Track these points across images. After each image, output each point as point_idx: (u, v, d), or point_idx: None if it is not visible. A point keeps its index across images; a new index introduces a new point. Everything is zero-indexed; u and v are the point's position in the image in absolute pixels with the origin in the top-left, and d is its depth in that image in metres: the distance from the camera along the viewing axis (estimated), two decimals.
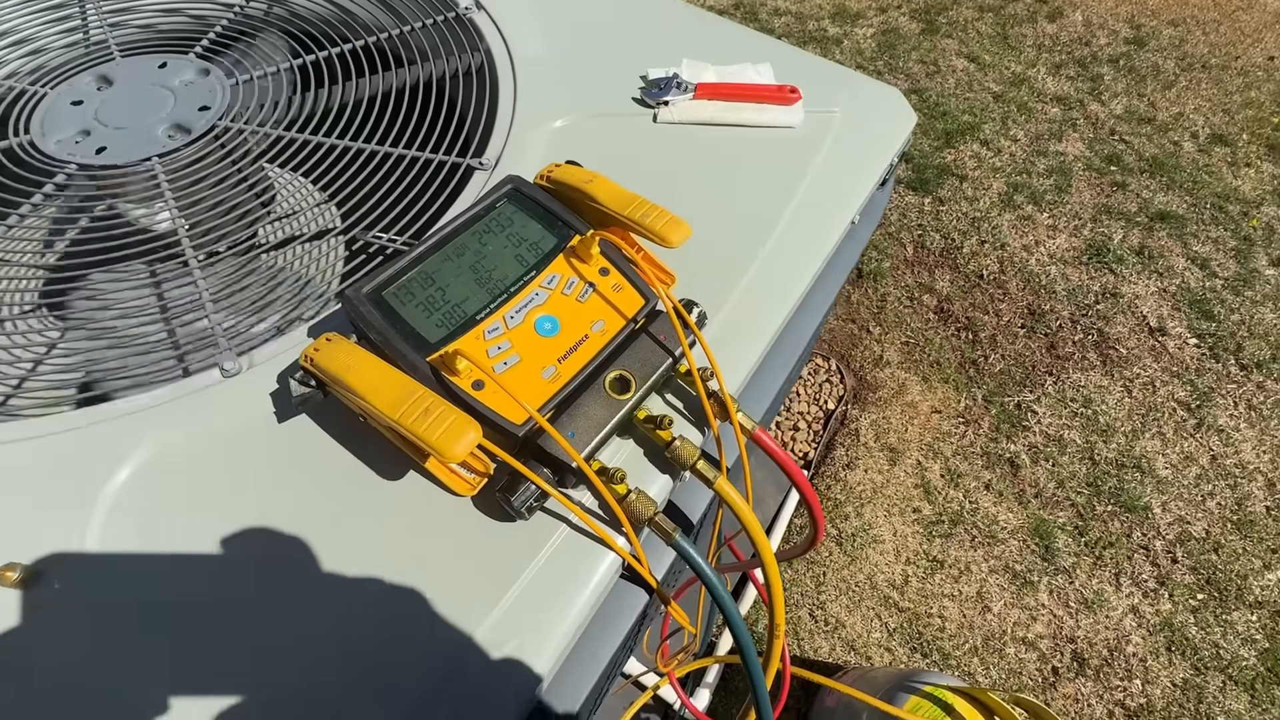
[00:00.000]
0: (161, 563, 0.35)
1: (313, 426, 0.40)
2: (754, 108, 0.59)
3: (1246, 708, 1.17)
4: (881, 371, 1.61)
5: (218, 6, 0.69)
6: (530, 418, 0.36)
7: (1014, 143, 2.11)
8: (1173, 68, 2.40)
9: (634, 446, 0.41)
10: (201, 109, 0.56)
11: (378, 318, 0.37)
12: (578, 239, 0.42)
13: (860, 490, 1.41)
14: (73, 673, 0.31)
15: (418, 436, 0.32)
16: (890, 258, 1.84)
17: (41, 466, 0.37)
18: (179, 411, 0.39)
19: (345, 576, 0.35)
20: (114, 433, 0.37)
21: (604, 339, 0.40)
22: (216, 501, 0.37)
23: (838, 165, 0.58)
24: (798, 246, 0.53)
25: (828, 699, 1.09)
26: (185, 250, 0.48)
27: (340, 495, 0.38)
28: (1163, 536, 1.36)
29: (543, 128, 0.57)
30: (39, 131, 0.54)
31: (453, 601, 0.35)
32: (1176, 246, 1.85)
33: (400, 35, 0.65)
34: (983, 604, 1.28)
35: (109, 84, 0.58)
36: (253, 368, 0.41)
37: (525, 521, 0.37)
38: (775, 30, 2.51)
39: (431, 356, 0.36)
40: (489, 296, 0.40)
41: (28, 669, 0.31)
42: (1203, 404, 1.55)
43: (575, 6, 0.69)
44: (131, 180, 0.52)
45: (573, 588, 0.36)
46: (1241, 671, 1.20)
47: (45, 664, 0.31)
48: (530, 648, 0.34)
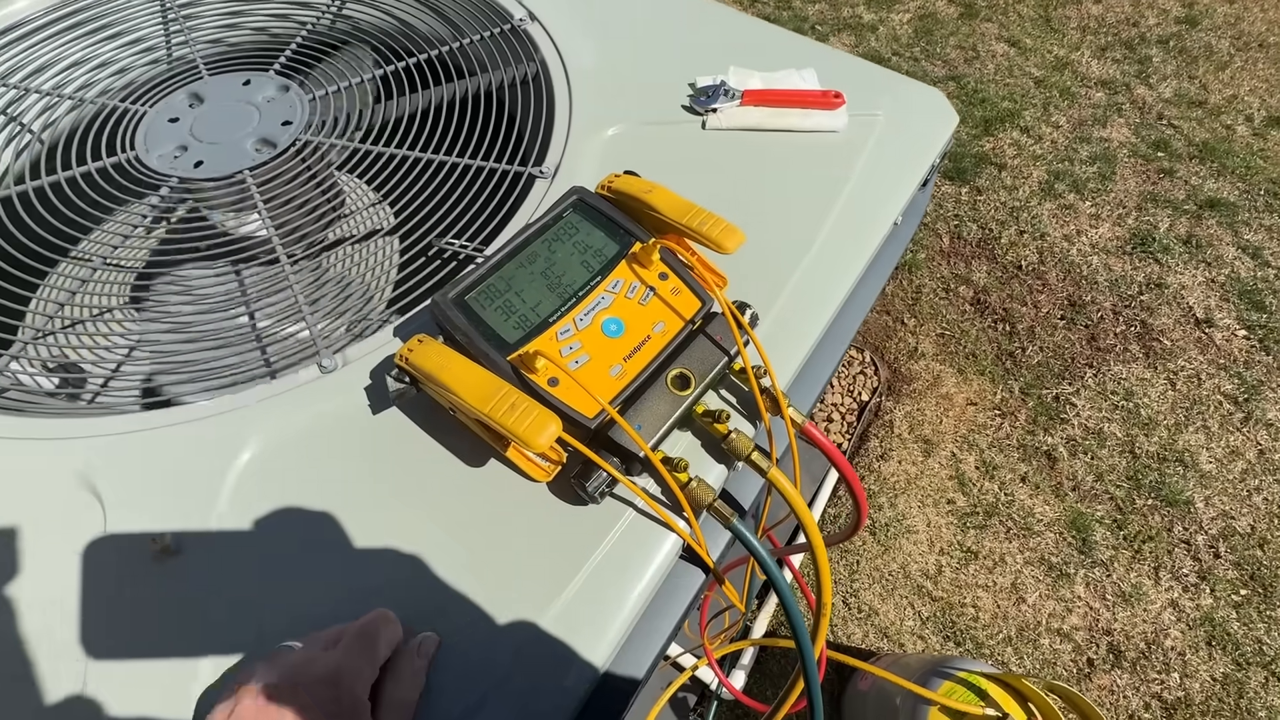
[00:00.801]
0: (276, 530, 0.40)
1: (403, 418, 0.44)
2: (799, 113, 0.61)
3: None
4: (916, 363, 1.61)
5: (290, 24, 0.74)
6: (601, 411, 0.39)
7: (1056, 129, 2.07)
8: (1227, 47, 2.31)
9: (692, 438, 0.44)
10: (284, 124, 0.61)
11: (463, 320, 0.41)
12: (639, 246, 0.45)
13: (894, 481, 1.43)
14: (212, 614, 0.36)
15: (506, 429, 0.36)
16: (926, 249, 1.83)
17: (179, 449, 0.42)
18: (287, 404, 0.44)
19: (434, 550, 0.40)
20: (236, 421, 0.42)
21: (665, 339, 0.43)
22: (320, 482, 0.41)
23: (880, 167, 0.60)
24: (842, 247, 0.55)
25: (861, 683, 1.11)
26: (280, 256, 0.52)
27: (429, 478, 0.42)
28: (1205, 531, 1.35)
29: (597, 136, 0.60)
30: (143, 147, 0.59)
31: (532, 577, 0.39)
32: (1227, 235, 1.80)
33: (460, 48, 0.69)
34: (1017, 595, 1.29)
35: (200, 101, 0.63)
36: (347, 365, 0.46)
37: (597, 505, 0.41)
38: (809, 17, 2.48)
39: (511, 356, 0.40)
40: (560, 300, 0.43)
41: (185, 613, 0.36)
42: (1251, 397, 1.52)
43: (624, 17, 0.71)
44: (227, 192, 0.57)
45: (638, 566, 0.40)
46: None
47: (190, 611, 0.37)
48: (601, 620, 0.38)
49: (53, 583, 0.37)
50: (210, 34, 0.75)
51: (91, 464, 0.41)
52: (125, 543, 0.38)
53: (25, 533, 0.39)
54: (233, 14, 0.75)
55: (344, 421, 0.44)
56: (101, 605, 0.37)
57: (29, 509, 0.40)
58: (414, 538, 0.40)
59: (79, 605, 0.37)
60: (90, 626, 0.36)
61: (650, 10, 0.73)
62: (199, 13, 0.74)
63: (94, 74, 0.71)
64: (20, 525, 0.39)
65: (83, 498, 0.40)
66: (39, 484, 0.41)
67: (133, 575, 0.38)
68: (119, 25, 0.72)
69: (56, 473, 0.41)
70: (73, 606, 0.37)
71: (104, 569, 0.38)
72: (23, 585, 0.38)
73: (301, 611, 0.37)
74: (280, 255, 0.53)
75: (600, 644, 0.37)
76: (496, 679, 0.36)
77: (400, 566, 0.39)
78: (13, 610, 0.37)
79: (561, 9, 0.71)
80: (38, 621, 0.36)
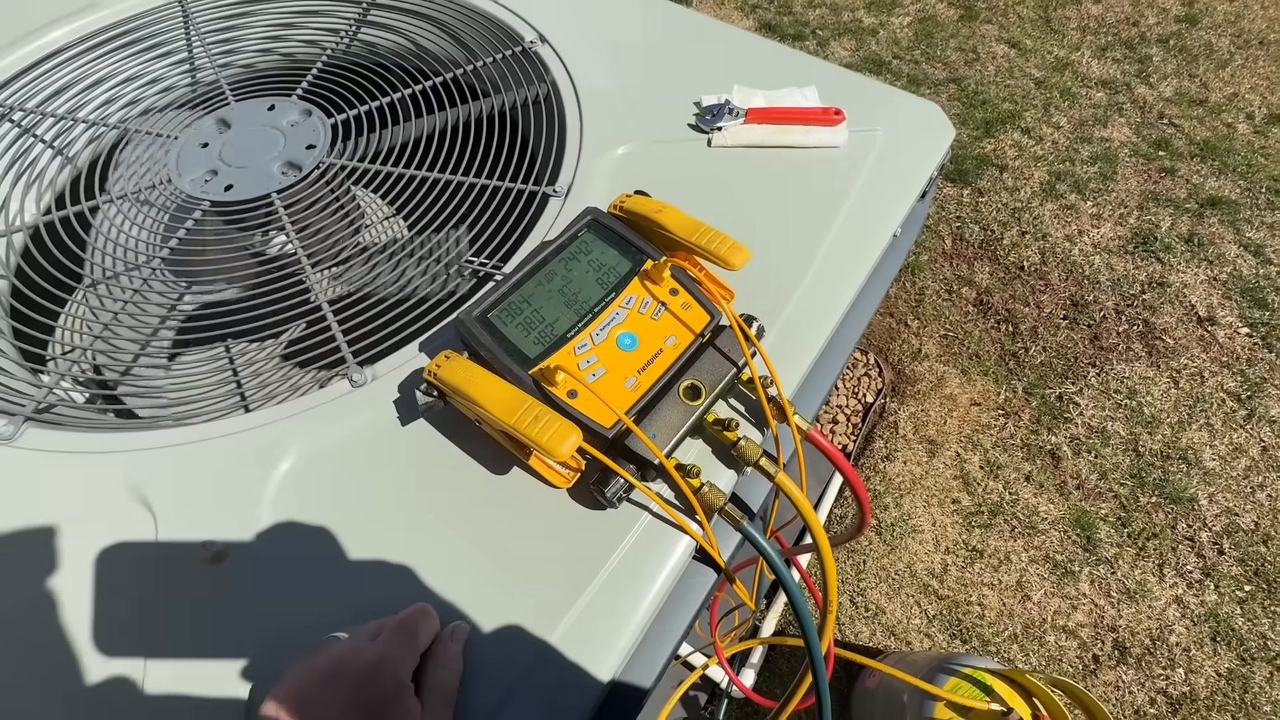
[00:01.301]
0: (313, 537, 0.42)
1: (430, 430, 0.47)
2: (801, 130, 0.64)
3: None
4: (920, 365, 1.63)
5: (312, 49, 0.77)
6: (618, 421, 0.42)
7: (1056, 130, 2.08)
8: (1227, 45, 2.32)
9: (703, 445, 0.47)
10: (309, 147, 0.64)
11: (486, 337, 0.44)
12: (650, 263, 0.48)
13: (899, 481, 1.45)
14: (253, 611, 0.39)
15: (530, 439, 0.38)
16: (928, 251, 1.85)
17: (223, 460, 0.45)
18: (321, 417, 0.47)
19: (462, 553, 0.42)
20: (275, 434, 0.45)
21: (676, 352, 0.46)
22: (354, 490, 0.44)
23: (880, 181, 0.62)
24: (844, 259, 0.58)
25: (869, 680, 1.13)
26: (308, 276, 0.55)
27: (457, 486, 0.45)
28: (1209, 528, 1.36)
29: (607, 155, 0.63)
30: (175, 172, 0.62)
31: (555, 577, 0.41)
32: (1228, 233, 1.81)
33: (473, 70, 0.72)
34: (1022, 593, 1.30)
35: (228, 127, 0.66)
36: (376, 379, 0.49)
37: (615, 510, 0.43)
38: (810, 22, 2.51)
39: (533, 370, 0.43)
40: (577, 316, 0.46)
41: (230, 614, 0.39)
42: (1254, 394, 1.53)
43: (631, 37, 0.74)
44: (257, 214, 0.60)
45: (654, 566, 0.42)
46: None
47: (238, 609, 0.39)
48: (620, 618, 0.41)
49: (111, 588, 0.40)
50: (235, 59, 0.78)
51: (142, 476, 0.44)
52: (178, 550, 0.41)
53: (83, 541, 0.42)
54: (258, 39, 0.78)
55: (375, 433, 0.46)
56: (158, 610, 0.40)
57: (86, 519, 0.43)
58: (444, 542, 0.42)
59: (136, 610, 0.40)
60: (147, 630, 0.39)
61: (656, 30, 0.75)
62: (225, 39, 0.77)
63: (123, 99, 0.74)
64: (78, 534, 0.42)
65: (134, 509, 0.43)
66: (94, 496, 0.44)
67: (185, 581, 0.40)
68: (147, 52, 0.75)
69: (111, 485, 0.44)
70: (130, 612, 0.40)
71: (158, 575, 0.41)
72: (82, 590, 0.40)
73: (338, 613, 0.40)
74: (309, 276, 0.56)
75: (619, 640, 0.40)
76: (522, 674, 0.39)
77: (431, 569, 0.42)
78: (75, 615, 0.40)
79: (570, 31, 0.73)
80: (98, 625, 0.39)
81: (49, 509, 0.43)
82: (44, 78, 0.71)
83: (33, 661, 0.38)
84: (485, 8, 0.77)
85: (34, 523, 0.42)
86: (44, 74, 0.71)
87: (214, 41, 0.76)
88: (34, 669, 0.38)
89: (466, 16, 0.76)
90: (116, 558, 0.41)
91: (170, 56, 0.76)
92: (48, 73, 0.72)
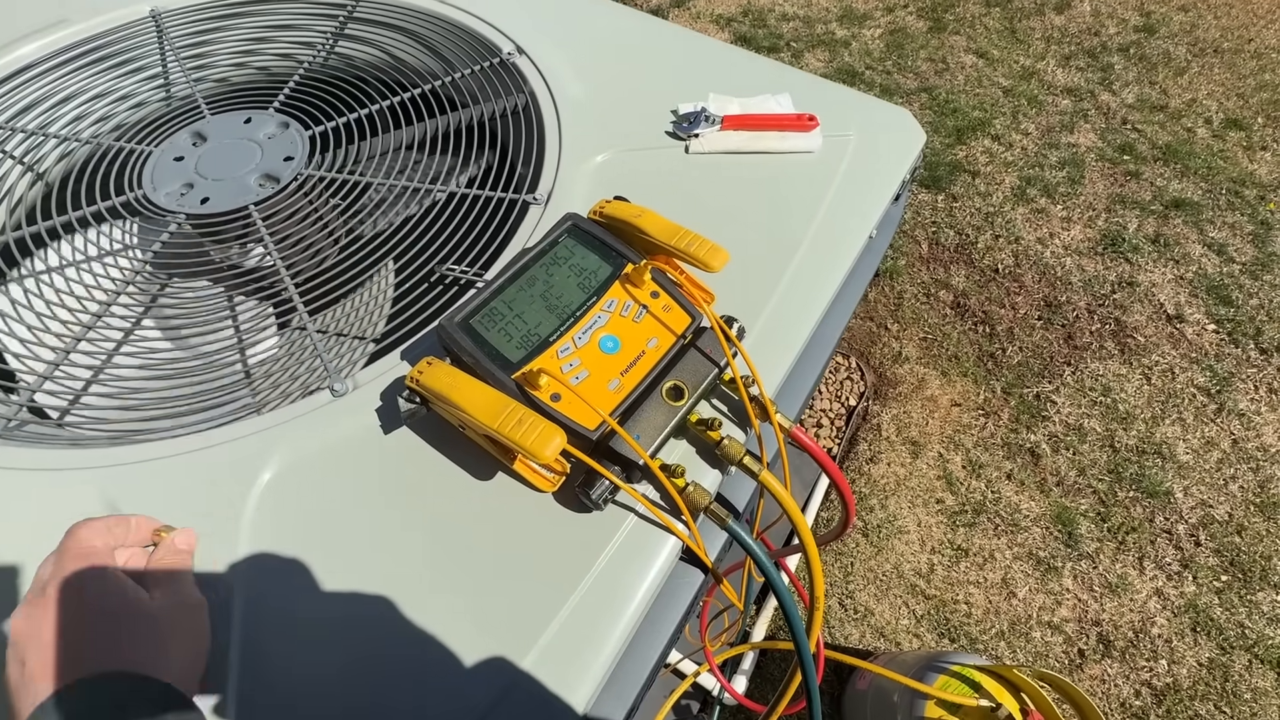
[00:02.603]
0: (295, 544, 0.42)
1: (413, 436, 0.47)
2: (776, 136, 0.65)
3: (1274, 685, 1.20)
4: (901, 367, 1.65)
5: (289, 63, 0.77)
6: (602, 423, 0.42)
7: (1025, 136, 2.14)
8: (1184, 53, 2.41)
9: (687, 446, 0.47)
10: (286, 159, 0.64)
11: (469, 343, 0.44)
12: (631, 267, 0.48)
13: (884, 483, 1.46)
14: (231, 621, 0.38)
15: (514, 443, 0.38)
16: (906, 255, 1.88)
17: (206, 470, 0.44)
18: (303, 427, 0.46)
19: (447, 558, 0.42)
20: (257, 445, 0.45)
21: (658, 354, 0.46)
22: (336, 499, 0.44)
23: (854, 185, 0.64)
24: (821, 261, 0.59)
25: (859, 682, 1.14)
26: (289, 289, 0.55)
27: (441, 493, 0.44)
28: (1185, 520, 1.39)
29: (586, 163, 0.63)
30: (150, 185, 0.62)
31: (543, 580, 0.41)
32: (1192, 233, 1.87)
33: (451, 82, 0.72)
34: (1008, 590, 1.32)
35: (203, 140, 0.66)
36: (358, 389, 0.48)
37: (600, 512, 0.43)
38: (784, 35, 2.56)
39: (516, 374, 0.43)
40: (559, 320, 0.46)
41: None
42: (1223, 389, 1.57)
43: (607, 47, 0.75)
44: (234, 226, 0.59)
45: (641, 567, 0.43)
46: (1268, 650, 1.23)
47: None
48: (609, 619, 0.41)
49: None
50: (210, 74, 0.78)
51: (120, 490, 0.43)
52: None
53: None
54: (233, 54, 0.78)
55: (358, 442, 0.46)
56: None
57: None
58: (429, 547, 0.42)
59: None
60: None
61: (632, 40, 0.77)
62: (199, 54, 0.77)
63: (96, 114, 0.73)
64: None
65: None
66: (70, 512, 0.43)
67: None
68: (120, 67, 0.75)
69: (88, 500, 0.43)
70: None
71: None
72: None
73: (332, 624, 0.39)
74: (288, 285, 0.55)
75: (609, 641, 0.40)
76: (514, 678, 0.38)
77: (419, 573, 0.41)
78: None
79: (548, 42, 0.74)
80: None
81: (23, 526, 0.42)
82: (13, 93, 0.70)
83: None
84: (462, 20, 0.77)
85: (8, 540, 0.41)
86: (13, 89, 0.71)
87: (189, 56, 0.76)
88: None
89: (444, 29, 0.77)
90: None
91: (144, 71, 0.75)
92: (17, 88, 0.71)
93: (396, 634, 0.39)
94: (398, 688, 0.38)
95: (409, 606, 0.40)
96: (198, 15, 0.78)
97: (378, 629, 0.39)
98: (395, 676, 0.38)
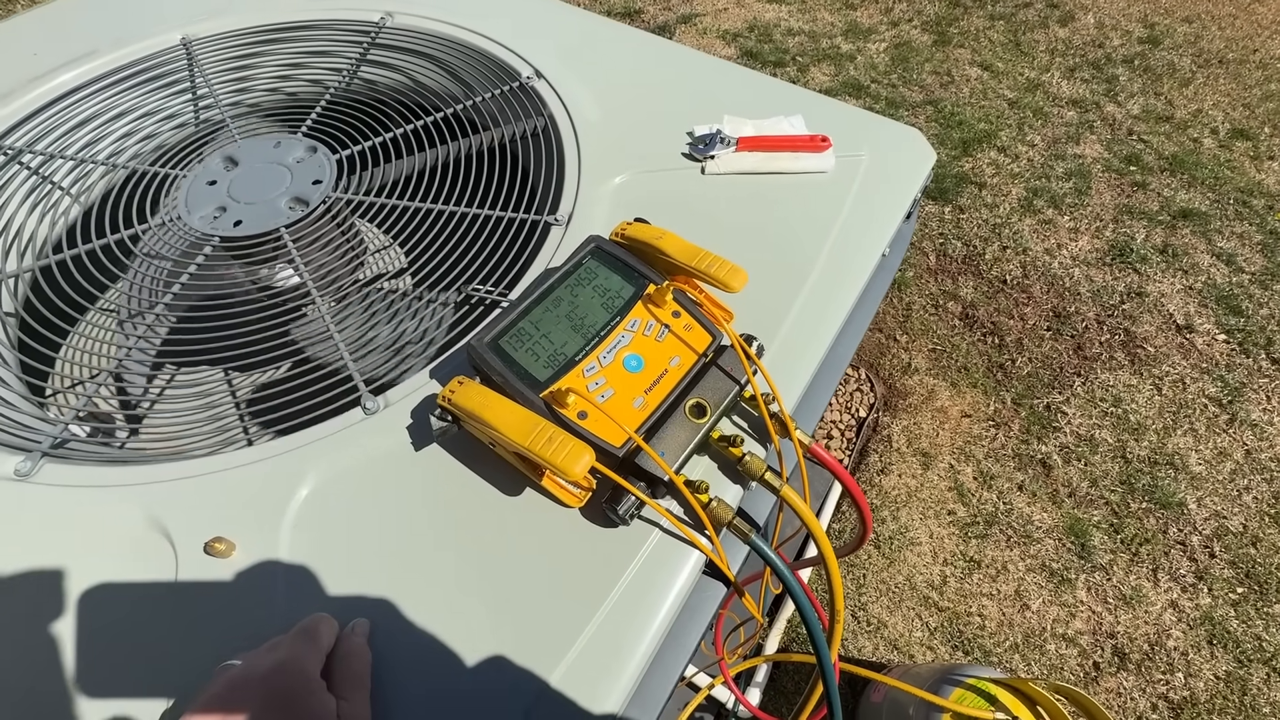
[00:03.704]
0: (331, 557, 0.43)
1: (442, 453, 0.48)
2: (790, 157, 0.67)
3: None
4: (910, 378, 1.66)
5: (316, 88, 0.80)
6: (628, 440, 0.43)
7: (1031, 148, 2.15)
8: (1189, 64, 2.43)
9: (709, 462, 0.48)
10: (314, 182, 0.66)
11: (498, 362, 0.46)
12: (653, 287, 0.50)
13: (895, 495, 1.46)
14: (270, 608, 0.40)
15: (544, 460, 0.40)
16: (914, 267, 1.89)
17: (245, 486, 0.46)
18: (336, 444, 0.48)
19: (477, 573, 0.43)
20: (293, 462, 0.46)
21: (681, 372, 0.47)
22: (370, 514, 0.45)
23: (867, 204, 0.65)
24: (836, 278, 0.60)
25: (874, 695, 1.14)
26: (320, 308, 0.57)
27: (470, 508, 0.46)
28: (1199, 532, 1.39)
29: (605, 185, 0.65)
30: (185, 209, 0.64)
31: (571, 594, 0.42)
32: (1201, 243, 1.87)
33: (472, 105, 0.74)
34: (1021, 602, 1.32)
35: (235, 164, 0.68)
36: (389, 406, 0.50)
37: (626, 527, 0.44)
38: (789, 49, 2.59)
39: (544, 393, 0.44)
40: (584, 340, 0.48)
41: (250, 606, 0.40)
42: (1234, 399, 1.57)
43: (624, 71, 0.77)
44: (266, 249, 0.61)
45: (666, 581, 0.44)
46: None
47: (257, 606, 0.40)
48: (636, 631, 0.42)
49: (131, 618, 0.41)
50: (241, 98, 0.80)
51: (162, 508, 0.44)
52: (198, 578, 0.42)
53: (105, 572, 0.42)
54: (264, 78, 0.81)
55: (390, 459, 0.47)
56: (188, 638, 0.40)
57: (106, 551, 0.43)
58: (458, 561, 0.43)
59: (164, 639, 0.40)
60: (170, 660, 0.40)
61: (647, 64, 0.79)
62: (231, 79, 0.80)
63: (129, 139, 0.76)
64: (100, 566, 0.43)
65: (155, 540, 0.43)
66: (114, 528, 0.44)
67: (209, 608, 0.41)
68: (155, 94, 0.77)
69: (130, 517, 0.44)
70: (150, 642, 0.40)
71: (179, 605, 0.41)
72: (99, 621, 0.41)
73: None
74: (321, 308, 0.57)
75: (636, 652, 0.41)
76: (542, 691, 0.39)
77: (449, 587, 0.42)
78: (105, 641, 0.40)
79: (565, 66, 0.77)
80: (129, 651, 0.40)
81: (70, 542, 0.44)
82: (49, 120, 0.73)
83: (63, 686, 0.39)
84: (482, 45, 0.80)
85: (57, 556, 0.43)
86: (49, 118, 0.73)
87: (220, 82, 0.78)
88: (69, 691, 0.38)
89: (464, 54, 0.79)
90: (138, 588, 0.42)
91: (177, 98, 0.78)
92: (52, 117, 0.73)
93: (427, 646, 0.40)
94: (428, 699, 0.39)
95: (439, 619, 0.41)
96: (227, 43, 0.81)
97: (409, 638, 0.41)
98: (426, 688, 0.39)
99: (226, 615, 0.41)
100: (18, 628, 0.41)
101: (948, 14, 2.71)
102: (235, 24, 0.82)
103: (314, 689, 0.35)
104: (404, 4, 0.84)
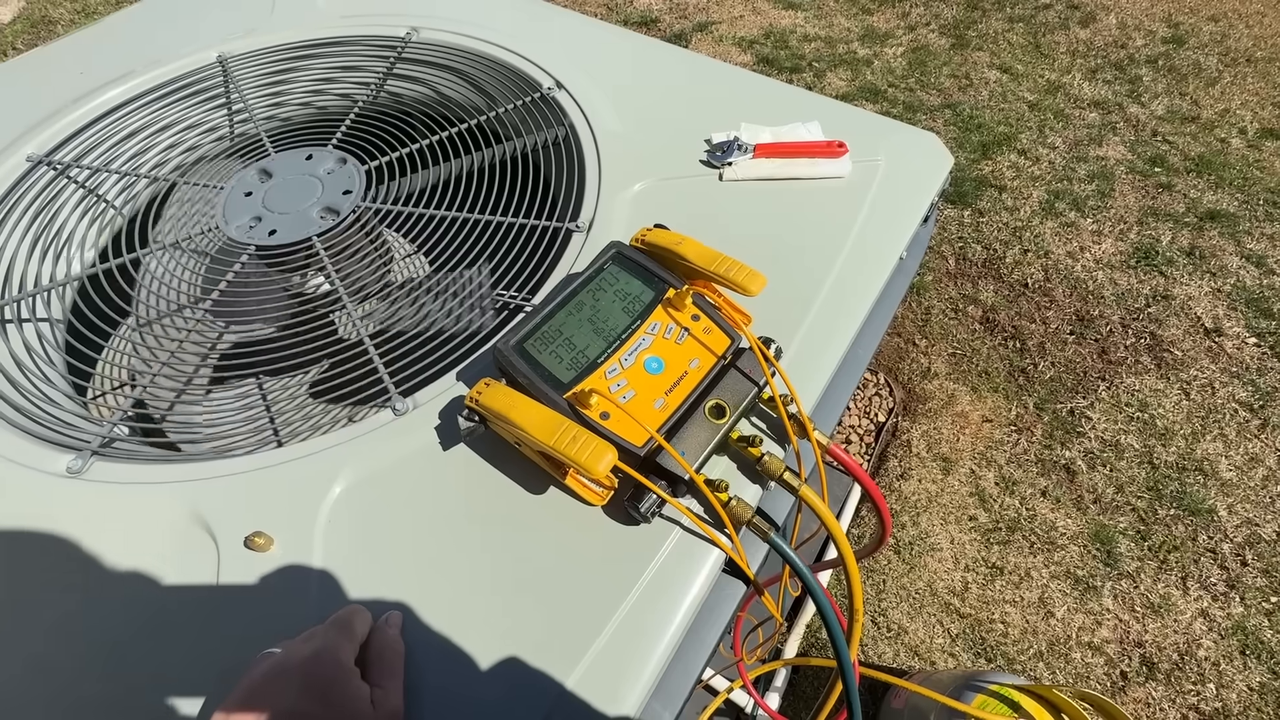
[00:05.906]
0: (363, 550, 0.45)
1: (469, 452, 0.50)
2: (807, 163, 0.67)
3: None
4: (930, 383, 1.64)
5: (344, 102, 0.82)
6: (650, 440, 0.45)
7: (1052, 150, 2.13)
8: (1215, 64, 2.38)
9: (729, 462, 0.49)
10: (345, 193, 0.68)
11: (523, 364, 0.47)
12: (673, 292, 0.51)
13: (915, 500, 1.45)
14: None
15: (569, 458, 0.41)
16: (933, 271, 1.88)
17: (283, 484, 0.48)
18: (367, 445, 0.49)
19: (502, 569, 0.45)
20: (326, 461, 0.48)
21: (700, 374, 0.48)
22: (401, 512, 0.47)
23: (884, 208, 0.66)
24: (853, 282, 0.61)
25: (894, 701, 1.13)
26: (350, 312, 0.59)
27: (495, 506, 0.47)
28: (1230, 539, 1.35)
29: (625, 192, 0.67)
30: (222, 219, 0.66)
31: (592, 590, 0.44)
32: (1229, 245, 1.84)
33: (495, 116, 0.76)
34: (1045, 609, 1.30)
35: (269, 176, 0.71)
36: (417, 408, 0.52)
37: (648, 525, 0.46)
38: (806, 55, 2.59)
39: (568, 394, 0.46)
40: (606, 343, 0.49)
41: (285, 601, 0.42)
42: (1266, 404, 1.53)
43: (642, 80, 0.79)
44: (299, 257, 0.64)
45: (687, 577, 0.45)
46: None
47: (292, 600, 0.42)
48: (657, 627, 0.43)
49: (176, 607, 0.43)
50: (275, 112, 0.83)
51: (205, 504, 0.47)
52: (239, 568, 0.44)
53: (153, 562, 0.45)
54: (297, 93, 0.84)
55: (419, 458, 0.49)
56: (234, 629, 0.42)
57: (154, 544, 0.45)
58: (484, 556, 0.45)
59: (199, 628, 0.42)
60: (212, 647, 0.42)
61: (665, 73, 0.80)
62: (266, 95, 0.83)
63: (171, 151, 0.79)
64: (149, 556, 0.45)
65: (198, 534, 0.46)
66: (161, 523, 0.46)
67: (247, 599, 0.43)
68: (193, 110, 0.81)
69: (176, 513, 0.47)
70: (194, 629, 0.42)
71: (221, 598, 0.43)
72: (147, 609, 0.43)
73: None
74: (350, 310, 0.59)
75: (658, 648, 0.42)
76: (564, 687, 0.40)
77: (475, 583, 0.44)
78: (144, 633, 0.42)
79: (585, 76, 0.78)
80: (158, 640, 0.42)
81: (119, 535, 0.46)
82: (95, 135, 0.76)
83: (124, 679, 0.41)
84: (503, 57, 0.82)
85: (108, 548, 0.45)
86: (95, 134, 0.77)
87: (255, 98, 0.81)
88: (122, 685, 0.40)
89: (486, 66, 0.82)
90: (183, 578, 0.44)
91: (214, 114, 0.81)
92: (98, 133, 0.77)
93: (449, 641, 0.42)
94: (448, 697, 0.40)
95: (462, 614, 0.43)
96: (261, 59, 0.84)
97: (432, 634, 0.42)
98: (445, 685, 0.41)
99: (265, 606, 0.43)
100: (72, 619, 0.43)
101: (965, 17, 2.70)
102: (268, 41, 0.85)
103: (349, 677, 0.36)
104: (429, 20, 0.87)
